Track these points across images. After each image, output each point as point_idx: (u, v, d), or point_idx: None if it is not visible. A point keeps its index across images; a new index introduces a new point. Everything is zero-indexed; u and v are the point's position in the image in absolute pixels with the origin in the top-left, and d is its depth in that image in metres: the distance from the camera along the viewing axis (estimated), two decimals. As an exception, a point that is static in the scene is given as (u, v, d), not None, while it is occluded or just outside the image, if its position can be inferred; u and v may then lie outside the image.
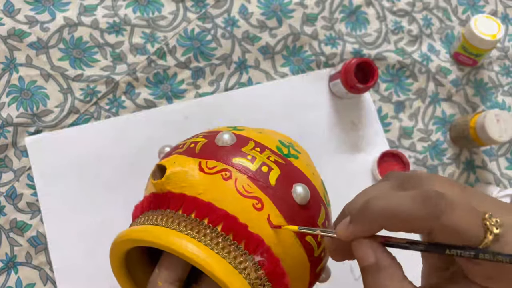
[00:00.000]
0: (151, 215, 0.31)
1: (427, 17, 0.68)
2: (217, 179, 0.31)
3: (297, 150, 0.38)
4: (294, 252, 0.31)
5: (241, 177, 0.31)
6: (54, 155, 0.55)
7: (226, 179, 0.31)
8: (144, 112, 0.58)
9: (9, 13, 0.57)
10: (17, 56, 0.56)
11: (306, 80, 0.62)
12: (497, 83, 0.68)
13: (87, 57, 0.58)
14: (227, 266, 0.27)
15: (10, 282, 0.51)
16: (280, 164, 0.33)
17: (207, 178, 0.31)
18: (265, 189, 0.31)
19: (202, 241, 0.28)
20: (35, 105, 0.55)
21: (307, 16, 0.64)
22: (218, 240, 0.28)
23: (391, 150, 0.60)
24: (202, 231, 0.28)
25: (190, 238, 0.28)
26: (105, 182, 0.55)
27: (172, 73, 0.59)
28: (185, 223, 0.29)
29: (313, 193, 0.33)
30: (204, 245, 0.28)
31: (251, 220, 0.29)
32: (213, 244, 0.28)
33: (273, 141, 0.36)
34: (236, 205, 0.29)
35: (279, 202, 0.31)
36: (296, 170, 0.34)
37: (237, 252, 0.28)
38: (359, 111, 0.63)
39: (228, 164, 0.32)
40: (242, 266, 0.28)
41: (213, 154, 0.33)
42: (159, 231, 0.28)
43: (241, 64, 0.61)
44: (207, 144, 0.34)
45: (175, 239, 0.27)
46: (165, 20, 0.60)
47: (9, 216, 0.52)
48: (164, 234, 0.28)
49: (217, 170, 0.31)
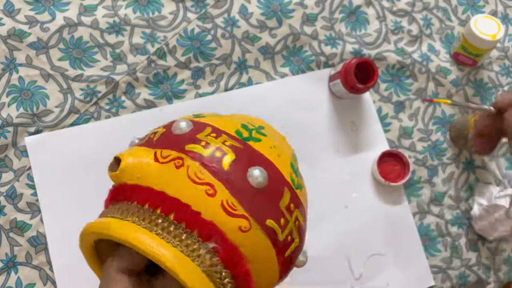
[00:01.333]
0: (111, 208, 0.31)
1: (427, 17, 0.68)
2: (170, 167, 0.31)
3: (263, 133, 0.37)
4: (253, 237, 0.30)
5: (193, 164, 0.31)
6: (54, 155, 0.55)
7: (178, 167, 0.30)
8: (144, 112, 0.58)
9: (9, 13, 0.57)
10: (17, 56, 0.56)
11: (306, 80, 0.62)
12: (497, 83, 0.68)
13: (87, 57, 0.58)
14: (178, 254, 0.27)
15: (10, 282, 0.51)
16: (236, 148, 0.33)
17: (160, 168, 0.31)
18: (217, 175, 0.30)
19: (153, 230, 0.28)
20: (35, 105, 0.55)
21: (307, 16, 0.64)
22: (169, 229, 0.28)
23: (391, 150, 0.60)
24: (154, 221, 0.28)
25: (141, 229, 0.28)
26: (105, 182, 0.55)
27: (172, 73, 0.59)
28: (138, 214, 0.29)
29: (274, 175, 0.33)
30: (154, 234, 0.28)
31: (204, 207, 0.29)
32: (165, 233, 0.28)
33: (233, 126, 0.36)
34: (188, 192, 0.29)
35: (232, 187, 0.30)
36: (255, 153, 0.33)
37: (190, 240, 0.28)
38: (359, 111, 0.63)
39: (181, 151, 0.32)
40: (195, 254, 0.28)
41: (169, 143, 0.33)
42: (112, 224, 0.29)
43: (241, 64, 0.61)
44: (164, 133, 0.34)
45: (125, 230, 0.28)
46: (165, 20, 0.60)
47: (9, 216, 0.53)
48: (116, 226, 0.28)
49: (170, 158, 0.31)
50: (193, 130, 0.34)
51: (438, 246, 0.61)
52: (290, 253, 0.34)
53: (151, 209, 0.29)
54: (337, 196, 0.60)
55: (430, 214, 0.62)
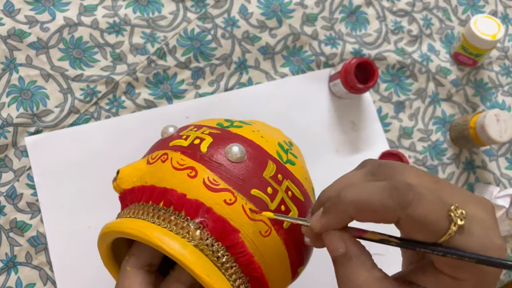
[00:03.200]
0: (121, 213, 0.35)
1: (427, 17, 0.68)
2: (158, 164, 0.34)
3: (247, 123, 0.39)
4: (241, 208, 0.31)
5: (175, 155, 0.33)
6: (54, 155, 0.55)
7: (164, 161, 0.34)
8: (144, 112, 0.58)
9: (9, 13, 0.57)
10: (17, 56, 0.56)
11: (306, 80, 0.62)
12: (497, 83, 0.68)
13: (87, 57, 0.58)
14: (166, 232, 0.29)
15: (10, 282, 0.51)
16: (213, 134, 0.35)
17: (151, 167, 0.34)
18: (196, 158, 0.33)
19: (146, 219, 0.31)
20: (35, 105, 0.55)
21: (307, 16, 0.64)
22: (159, 213, 0.31)
23: (391, 150, 0.60)
24: (146, 211, 0.31)
25: (137, 220, 0.31)
26: (105, 182, 0.55)
27: (172, 73, 0.59)
28: (135, 209, 0.32)
29: (254, 150, 0.34)
30: (146, 221, 0.30)
31: (188, 189, 0.31)
32: (155, 218, 0.30)
33: (215, 121, 0.39)
34: (173, 179, 0.32)
35: (212, 165, 0.32)
36: (232, 135, 0.35)
37: (179, 220, 0.30)
38: (359, 111, 0.63)
39: (166, 148, 0.35)
40: (185, 231, 0.30)
41: (158, 146, 0.37)
42: (117, 222, 0.32)
43: (241, 64, 0.61)
44: (157, 141, 0.39)
45: (127, 224, 0.31)
46: (165, 20, 0.60)
47: (9, 216, 0.52)
48: (120, 223, 0.31)
49: (158, 157, 0.34)
50: (178, 131, 0.38)
51: (438, 246, 0.61)
52: (290, 225, 0.34)
53: (144, 202, 0.32)
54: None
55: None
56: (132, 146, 0.56)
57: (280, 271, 0.34)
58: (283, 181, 0.34)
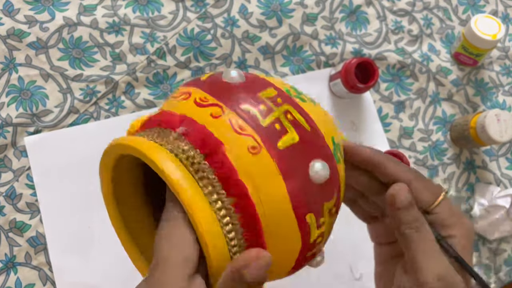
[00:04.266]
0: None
1: (427, 17, 0.68)
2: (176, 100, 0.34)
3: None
4: (226, 123, 0.31)
5: (180, 88, 0.35)
6: (54, 155, 0.54)
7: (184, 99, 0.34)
8: (144, 112, 0.58)
9: (8, 13, 0.57)
10: (17, 56, 0.56)
11: (306, 80, 0.62)
12: (498, 83, 0.68)
13: (86, 57, 0.58)
14: (152, 144, 0.30)
15: (9, 283, 0.51)
16: None
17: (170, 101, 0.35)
18: (194, 85, 0.34)
19: (146, 137, 0.31)
20: (34, 105, 0.55)
21: (307, 16, 0.64)
22: (152, 132, 0.31)
23: (391, 150, 0.60)
24: (152, 134, 0.31)
25: (146, 140, 0.31)
26: (104, 182, 0.55)
27: (172, 73, 0.59)
28: (151, 132, 0.32)
29: (253, 77, 0.34)
30: (144, 138, 0.31)
31: (178, 107, 0.32)
32: (145, 136, 0.31)
33: None
34: (167, 104, 0.33)
35: (205, 85, 0.33)
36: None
37: (162, 133, 0.31)
38: (359, 111, 0.63)
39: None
40: (165, 140, 0.30)
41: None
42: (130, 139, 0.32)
43: (241, 64, 0.61)
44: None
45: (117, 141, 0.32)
46: (164, 19, 0.60)
47: (8, 216, 0.52)
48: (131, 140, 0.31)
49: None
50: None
51: (439, 246, 0.61)
52: (288, 146, 0.30)
53: (162, 128, 0.32)
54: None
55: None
56: (131, 146, 0.56)
57: (277, 204, 0.28)
58: (282, 104, 0.31)
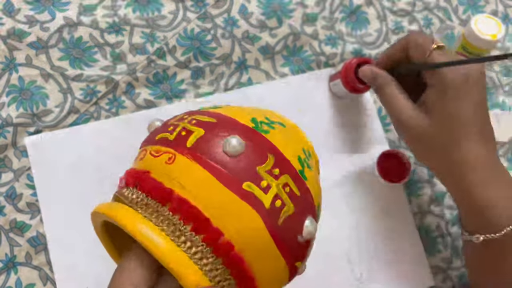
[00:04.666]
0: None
1: (427, 17, 0.68)
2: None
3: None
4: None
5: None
6: (54, 155, 0.54)
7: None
8: (144, 112, 0.58)
9: (8, 13, 0.57)
10: (17, 56, 0.56)
11: (306, 80, 0.62)
12: (498, 83, 0.68)
13: (87, 57, 0.58)
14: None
15: (10, 283, 0.51)
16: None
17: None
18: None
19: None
20: (35, 105, 0.55)
21: (307, 16, 0.64)
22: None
23: (391, 150, 0.60)
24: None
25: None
26: (105, 182, 0.55)
27: (172, 73, 0.59)
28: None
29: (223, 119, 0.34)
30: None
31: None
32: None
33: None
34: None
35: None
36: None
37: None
38: (359, 111, 0.63)
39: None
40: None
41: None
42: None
43: (241, 64, 0.61)
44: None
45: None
46: (165, 20, 0.60)
47: (8, 216, 0.52)
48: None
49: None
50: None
51: (438, 246, 0.61)
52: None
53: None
54: (337, 196, 0.60)
55: (430, 214, 0.62)
56: (132, 146, 0.56)
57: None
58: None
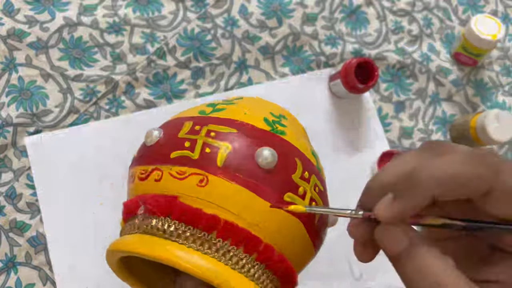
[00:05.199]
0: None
1: (427, 17, 0.68)
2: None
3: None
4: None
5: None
6: (54, 155, 0.54)
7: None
8: (144, 112, 0.58)
9: (8, 13, 0.57)
10: (17, 56, 0.56)
11: (306, 80, 0.62)
12: (498, 83, 0.68)
13: (86, 57, 0.58)
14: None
15: (9, 282, 0.51)
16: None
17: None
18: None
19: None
20: (34, 105, 0.55)
21: (307, 16, 0.64)
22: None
23: (391, 150, 0.60)
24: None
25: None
26: (105, 182, 0.55)
27: (172, 73, 0.59)
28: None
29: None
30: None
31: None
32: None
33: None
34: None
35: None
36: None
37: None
38: (359, 111, 0.63)
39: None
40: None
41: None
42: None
43: (241, 64, 0.61)
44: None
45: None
46: (165, 20, 0.60)
47: (8, 216, 0.52)
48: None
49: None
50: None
51: (439, 246, 0.61)
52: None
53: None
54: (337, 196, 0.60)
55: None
56: (132, 146, 0.56)
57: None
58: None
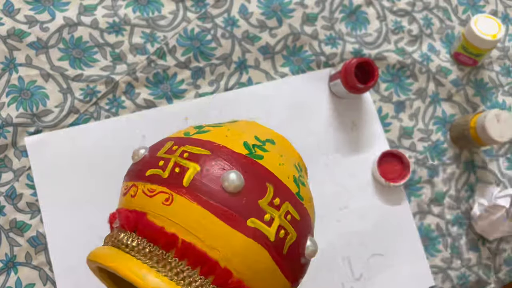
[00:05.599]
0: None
1: (427, 17, 0.68)
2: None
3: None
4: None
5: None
6: (54, 155, 0.54)
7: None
8: (144, 112, 0.58)
9: (8, 13, 0.57)
10: (17, 56, 0.56)
11: (306, 80, 0.62)
12: (497, 83, 0.68)
13: (87, 57, 0.58)
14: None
15: (10, 282, 0.51)
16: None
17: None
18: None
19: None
20: (34, 105, 0.55)
21: (307, 16, 0.64)
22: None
23: (391, 150, 0.60)
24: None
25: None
26: (105, 182, 0.55)
27: (172, 73, 0.59)
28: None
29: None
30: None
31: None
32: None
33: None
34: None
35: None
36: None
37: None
38: (359, 111, 0.63)
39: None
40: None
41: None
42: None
43: (241, 64, 0.61)
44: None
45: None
46: (165, 20, 0.60)
47: (9, 216, 0.52)
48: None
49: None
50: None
51: (438, 246, 0.61)
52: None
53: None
54: (337, 196, 0.60)
55: (430, 214, 0.62)
56: (132, 146, 0.56)
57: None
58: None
